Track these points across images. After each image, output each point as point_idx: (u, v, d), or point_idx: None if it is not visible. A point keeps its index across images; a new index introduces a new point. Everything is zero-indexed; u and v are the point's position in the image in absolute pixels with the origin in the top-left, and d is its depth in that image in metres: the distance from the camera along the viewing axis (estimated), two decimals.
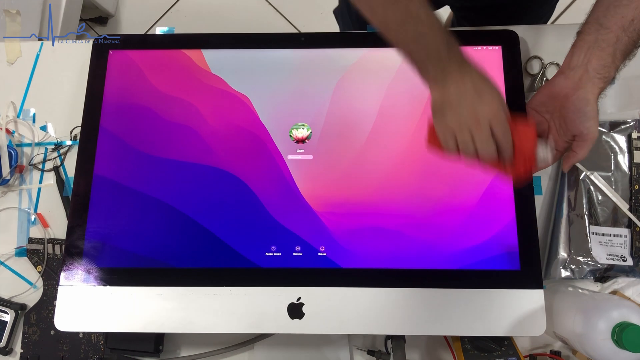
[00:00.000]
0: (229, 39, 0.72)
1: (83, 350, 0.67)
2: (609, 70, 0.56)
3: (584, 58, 0.57)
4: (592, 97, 0.57)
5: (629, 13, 0.54)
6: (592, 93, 0.57)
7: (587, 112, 0.57)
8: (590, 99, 0.57)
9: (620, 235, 0.66)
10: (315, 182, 0.65)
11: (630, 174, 0.68)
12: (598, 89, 0.57)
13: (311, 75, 0.70)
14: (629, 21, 0.54)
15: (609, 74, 0.56)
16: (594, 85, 0.57)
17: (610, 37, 0.55)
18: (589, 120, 0.57)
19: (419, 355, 0.67)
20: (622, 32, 0.55)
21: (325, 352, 0.66)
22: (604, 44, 0.56)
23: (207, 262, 0.63)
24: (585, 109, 0.57)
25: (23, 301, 0.70)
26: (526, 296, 0.60)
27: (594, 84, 0.57)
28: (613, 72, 0.57)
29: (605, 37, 0.56)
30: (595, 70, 0.56)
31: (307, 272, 0.62)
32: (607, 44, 0.56)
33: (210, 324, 0.61)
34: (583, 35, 0.58)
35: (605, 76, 0.57)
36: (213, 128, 0.67)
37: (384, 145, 0.66)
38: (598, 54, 0.56)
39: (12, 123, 0.76)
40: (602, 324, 0.52)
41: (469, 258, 0.62)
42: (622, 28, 0.55)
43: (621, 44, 0.55)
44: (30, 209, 0.73)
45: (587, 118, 0.57)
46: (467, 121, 0.53)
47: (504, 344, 0.60)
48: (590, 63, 0.57)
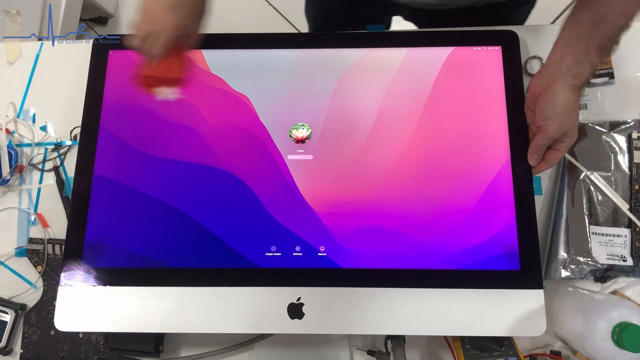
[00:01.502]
0: (229, 39, 0.72)
1: (83, 351, 0.67)
2: (582, 66, 0.57)
3: (560, 55, 0.59)
4: (560, 97, 0.58)
5: (602, 8, 0.55)
6: (561, 92, 0.58)
7: (547, 111, 0.60)
8: (557, 98, 0.58)
9: (620, 235, 0.66)
10: (315, 182, 0.65)
11: (630, 174, 0.68)
12: (567, 86, 0.58)
13: (311, 75, 0.70)
14: (602, 16, 0.54)
15: (582, 70, 0.57)
16: (564, 82, 0.58)
17: (584, 32, 0.56)
18: (548, 117, 0.60)
19: (419, 355, 0.67)
20: (595, 28, 0.55)
21: (325, 352, 0.66)
22: (578, 39, 0.57)
23: (207, 262, 0.63)
24: (548, 108, 0.59)
25: (23, 301, 0.70)
26: (526, 296, 0.60)
27: (565, 81, 0.58)
28: (587, 68, 0.57)
29: (579, 32, 0.57)
30: (567, 67, 0.57)
31: (307, 272, 0.62)
32: (580, 40, 0.57)
33: (210, 324, 0.61)
34: (561, 31, 0.59)
35: (577, 72, 0.57)
36: (213, 128, 0.67)
37: (384, 145, 0.66)
38: (572, 49, 0.57)
39: (12, 123, 0.76)
40: (602, 324, 0.52)
41: (469, 258, 0.62)
42: (595, 23, 0.55)
43: (594, 39, 0.56)
44: (30, 209, 0.73)
45: (546, 116, 0.60)
46: (153, 9, 0.54)
47: (504, 344, 0.60)
48: (565, 59, 0.58)
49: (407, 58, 0.69)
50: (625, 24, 0.55)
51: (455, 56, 0.69)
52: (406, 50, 0.70)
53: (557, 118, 0.59)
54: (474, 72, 0.68)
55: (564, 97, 0.58)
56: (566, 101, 0.59)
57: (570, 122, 0.60)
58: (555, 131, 0.60)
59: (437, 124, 0.67)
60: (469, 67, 0.69)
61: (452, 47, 0.69)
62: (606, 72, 0.72)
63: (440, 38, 0.71)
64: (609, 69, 0.72)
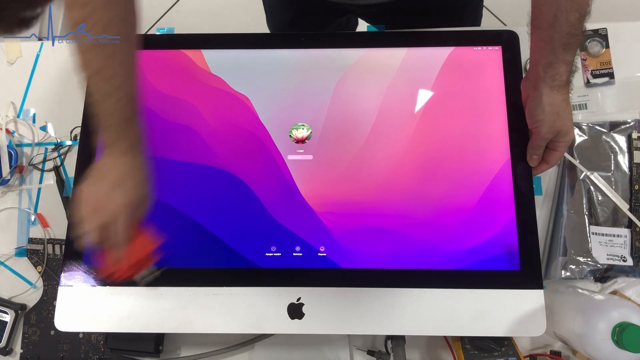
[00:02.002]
0: (229, 39, 0.72)
1: (83, 351, 0.67)
2: (556, 67, 0.58)
3: (535, 59, 0.60)
4: (546, 99, 0.59)
5: (549, 10, 0.55)
6: (546, 94, 0.59)
7: (535, 114, 0.61)
8: (542, 100, 0.59)
9: (620, 236, 0.66)
10: (315, 182, 0.65)
11: (630, 174, 0.68)
12: (549, 88, 0.59)
13: (311, 75, 0.70)
14: (552, 17, 0.55)
15: (557, 70, 0.58)
16: (545, 84, 0.59)
17: (544, 35, 0.57)
18: (537, 120, 0.61)
19: (419, 355, 0.67)
20: (551, 29, 0.56)
21: (325, 352, 0.66)
22: (542, 43, 0.58)
23: (207, 262, 0.63)
24: (535, 111, 0.61)
25: (23, 301, 0.70)
26: (526, 296, 0.60)
27: (546, 83, 0.59)
28: (561, 67, 0.57)
29: (541, 36, 0.57)
30: (544, 70, 0.58)
31: (307, 272, 0.62)
32: (544, 43, 0.57)
33: (210, 324, 0.61)
34: (530, 37, 0.60)
35: (554, 74, 0.58)
36: (213, 128, 0.67)
37: (384, 145, 0.66)
38: (541, 53, 0.58)
39: (12, 123, 0.76)
40: (602, 324, 0.52)
41: (469, 258, 0.62)
42: (550, 25, 0.56)
43: (555, 40, 0.56)
44: (30, 209, 0.73)
45: (535, 119, 0.61)
46: (96, 196, 0.52)
47: (504, 344, 0.60)
48: (540, 63, 0.59)
49: (407, 58, 0.69)
50: (579, 16, 0.54)
51: (456, 56, 0.69)
52: (406, 50, 0.70)
53: (546, 120, 0.60)
54: (474, 72, 0.68)
55: (549, 98, 0.59)
56: (552, 102, 0.59)
57: (561, 122, 0.60)
58: (547, 132, 0.60)
59: (437, 124, 0.67)
60: (469, 67, 0.69)
61: (452, 47, 0.69)
62: (606, 72, 0.72)
63: (441, 38, 0.71)
64: (609, 69, 0.72)
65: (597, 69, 0.72)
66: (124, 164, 0.53)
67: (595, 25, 0.74)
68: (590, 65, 0.73)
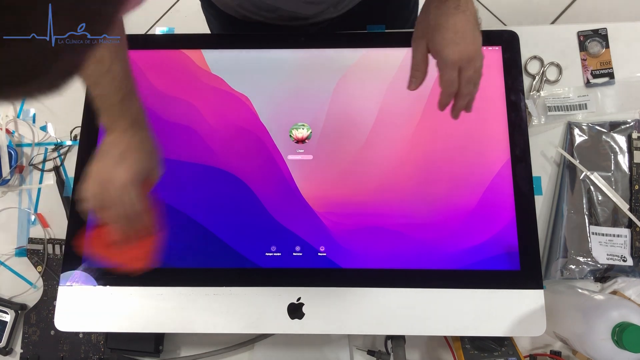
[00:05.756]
0: (229, 39, 0.72)
1: (83, 350, 0.67)
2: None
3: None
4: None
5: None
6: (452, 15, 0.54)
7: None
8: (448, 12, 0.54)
9: (620, 236, 0.66)
10: (315, 182, 0.65)
11: (630, 174, 0.68)
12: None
13: (311, 75, 0.70)
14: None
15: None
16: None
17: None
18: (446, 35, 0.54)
19: (419, 355, 0.67)
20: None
21: (325, 352, 0.66)
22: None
23: (207, 262, 0.63)
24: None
25: (23, 301, 0.70)
26: (526, 296, 0.60)
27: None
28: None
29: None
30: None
31: (307, 272, 0.62)
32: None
33: (210, 324, 0.61)
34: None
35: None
36: (213, 128, 0.67)
37: (384, 145, 0.66)
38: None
39: (12, 123, 0.76)
40: (602, 324, 0.52)
41: (469, 258, 0.62)
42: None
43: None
44: (30, 209, 0.73)
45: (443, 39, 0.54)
46: (101, 176, 0.52)
47: (504, 344, 0.60)
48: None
49: (407, 58, 0.69)
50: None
51: None
52: (406, 50, 0.70)
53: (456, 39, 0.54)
54: None
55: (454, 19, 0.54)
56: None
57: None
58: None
59: (437, 123, 0.67)
60: None
61: None
62: (606, 72, 0.72)
63: None
64: (609, 69, 0.72)
65: (597, 69, 0.72)
66: (126, 141, 0.52)
67: (595, 25, 0.74)
68: (590, 65, 0.73)
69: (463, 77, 0.55)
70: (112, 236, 0.53)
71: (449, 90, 0.56)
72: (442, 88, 0.56)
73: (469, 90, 0.56)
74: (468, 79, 0.55)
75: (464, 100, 0.57)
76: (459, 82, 0.55)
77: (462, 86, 0.55)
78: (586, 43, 0.73)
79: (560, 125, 0.71)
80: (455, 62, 0.54)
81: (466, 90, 0.56)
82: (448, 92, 0.56)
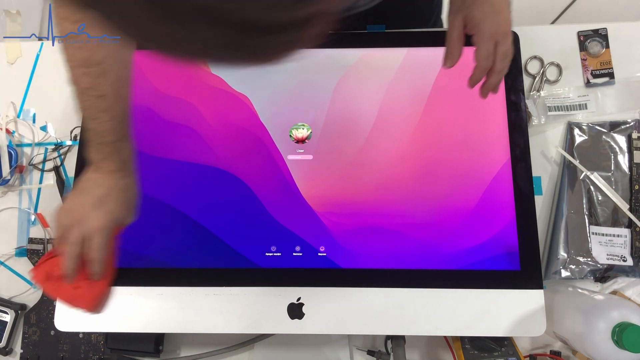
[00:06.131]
0: None
1: (83, 351, 0.67)
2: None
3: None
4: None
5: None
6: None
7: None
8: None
9: (620, 235, 0.66)
10: (315, 182, 0.65)
11: (630, 174, 0.68)
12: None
13: (311, 75, 0.70)
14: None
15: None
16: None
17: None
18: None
19: (419, 355, 0.67)
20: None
21: (325, 352, 0.66)
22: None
23: (207, 262, 0.63)
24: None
25: (23, 301, 0.70)
26: (526, 296, 0.60)
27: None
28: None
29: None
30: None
31: (307, 272, 0.62)
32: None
33: (210, 324, 0.61)
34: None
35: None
36: (213, 128, 0.67)
37: (384, 145, 0.66)
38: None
39: (12, 123, 0.76)
40: (602, 324, 0.52)
41: (469, 258, 0.62)
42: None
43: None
44: (31, 209, 0.73)
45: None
46: (76, 212, 0.52)
47: (504, 344, 0.60)
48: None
49: (407, 58, 0.69)
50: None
51: None
52: (406, 50, 0.70)
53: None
54: None
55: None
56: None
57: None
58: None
59: (437, 124, 0.67)
60: (469, 67, 0.69)
61: None
62: (606, 72, 0.72)
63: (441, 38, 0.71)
64: (609, 69, 0.72)
65: (597, 69, 0.72)
66: (109, 184, 0.52)
67: (595, 25, 0.74)
68: (590, 65, 0.73)
69: (499, 52, 0.55)
70: (61, 270, 0.53)
71: (485, 64, 0.56)
72: (477, 62, 0.56)
73: (502, 65, 0.56)
74: (504, 54, 0.55)
75: (498, 77, 0.57)
76: (494, 56, 0.55)
77: (498, 61, 0.56)
78: (586, 43, 0.73)
79: (560, 125, 0.71)
80: (493, 34, 0.55)
81: (500, 66, 0.56)
82: (484, 67, 0.56)
